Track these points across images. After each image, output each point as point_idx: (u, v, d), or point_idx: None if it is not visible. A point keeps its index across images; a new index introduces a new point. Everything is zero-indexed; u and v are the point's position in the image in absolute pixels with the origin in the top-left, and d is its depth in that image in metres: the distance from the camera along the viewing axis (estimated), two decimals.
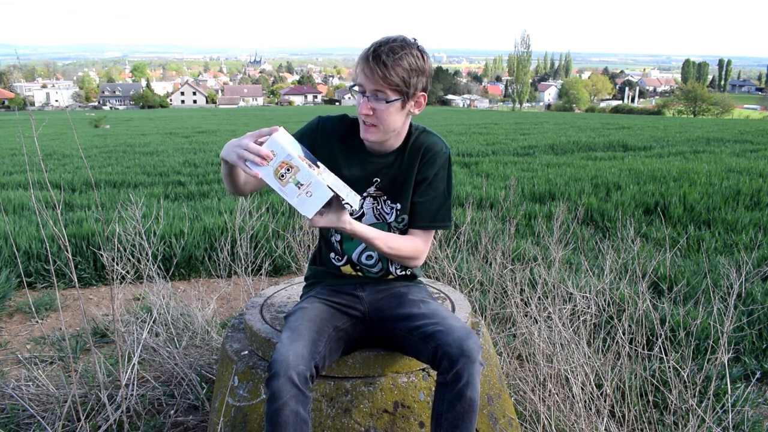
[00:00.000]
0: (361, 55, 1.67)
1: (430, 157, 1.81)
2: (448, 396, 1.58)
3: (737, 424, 2.38)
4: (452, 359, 1.57)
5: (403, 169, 1.83)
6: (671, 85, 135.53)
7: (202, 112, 61.47)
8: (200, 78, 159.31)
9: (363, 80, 1.67)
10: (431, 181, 1.82)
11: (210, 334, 3.10)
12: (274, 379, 1.53)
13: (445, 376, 1.59)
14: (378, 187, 1.84)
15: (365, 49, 1.67)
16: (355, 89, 1.71)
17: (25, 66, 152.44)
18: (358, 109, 1.71)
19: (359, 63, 1.68)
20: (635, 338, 2.50)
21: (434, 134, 1.85)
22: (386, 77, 1.63)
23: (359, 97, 1.70)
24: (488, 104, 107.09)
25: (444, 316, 1.72)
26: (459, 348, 1.57)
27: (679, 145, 14.13)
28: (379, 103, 1.67)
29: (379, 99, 1.67)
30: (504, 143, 15.39)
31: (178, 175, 10.13)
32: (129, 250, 3.16)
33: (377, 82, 1.64)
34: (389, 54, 1.62)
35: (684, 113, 62.93)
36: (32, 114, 2.50)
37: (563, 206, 3.75)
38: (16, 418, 2.49)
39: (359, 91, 1.69)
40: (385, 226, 1.86)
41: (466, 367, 1.56)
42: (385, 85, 1.64)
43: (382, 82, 1.64)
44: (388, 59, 1.62)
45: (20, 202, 7.25)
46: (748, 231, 5.47)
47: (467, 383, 1.56)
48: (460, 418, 1.58)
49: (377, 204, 1.86)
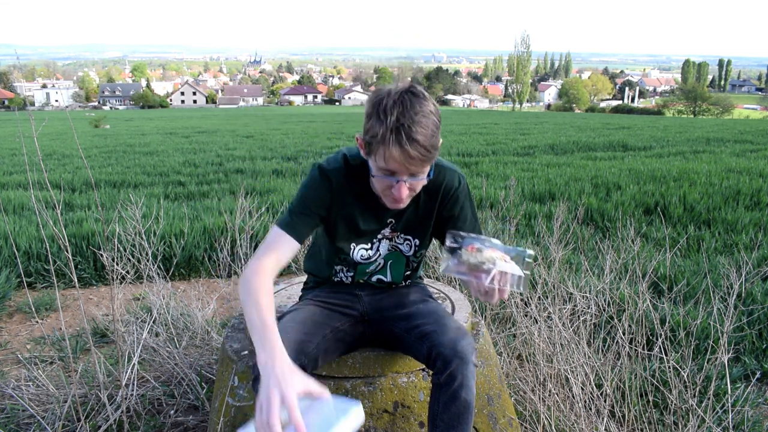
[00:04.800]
0: (382, 135, 1.43)
1: (451, 196, 1.74)
2: (443, 397, 1.58)
3: (737, 424, 2.38)
4: (446, 360, 1.56)
5: (421, 211, 1.76)
6: (671, 85, 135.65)
7: (202, 112, 61.50)
8: (200, 78, 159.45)
9: (396, 166, 1.47)
10: (458, 215, 1.76)
11: (210, 334, 3.10)
12: (256, 381, 1.52)
13: (440, 376, 1.58)
14: (393, 228, 1.79)
15: (382, 125, 1.43)
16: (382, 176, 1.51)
17: (25, 66, 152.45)
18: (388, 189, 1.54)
19: (382, 145, 1.44)
20: (635, 338, 2.50)
21: (447, 167, 1.73)
22: (427, 154, 1.46)
23: (388, 180, 1.52)
24: (488, 104, 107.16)
25: (440, 316, 1.71)
26: (452, 349, 1.56)
27: (679, 145, 14.14)
28: (416, 180, 1.53)
29: (418, 177, 1.52)
30: (504, 143, 15.39)
31: (178, 175, 10.13)
32: (129, 250, 3.16)
33: (419, 165, 1.48)
34: (417, 125, 1.42)
35: (684, 113, 62.95)
36: (32, 114, 2.50)
37: (563, 206, 3.75)
38: (16, 418, 2.49)
39: (388, 176, 1.51)
40: (402, 258, 1.84)
41: (460, 368, 1.55)
42: (425, 162, 1.48)
43: (424, 160, 1.47)
44: (419, 133, 1.42)
45: (20, 202, 7.26)
46: (748, 231, 5.47)
47: (461, 384, 1.55)
48: (456, 420, 1.57)
49: (391, 242, 1.82)
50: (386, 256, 1.84)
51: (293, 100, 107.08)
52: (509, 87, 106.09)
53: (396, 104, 1.43)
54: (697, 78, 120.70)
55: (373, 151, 1.48)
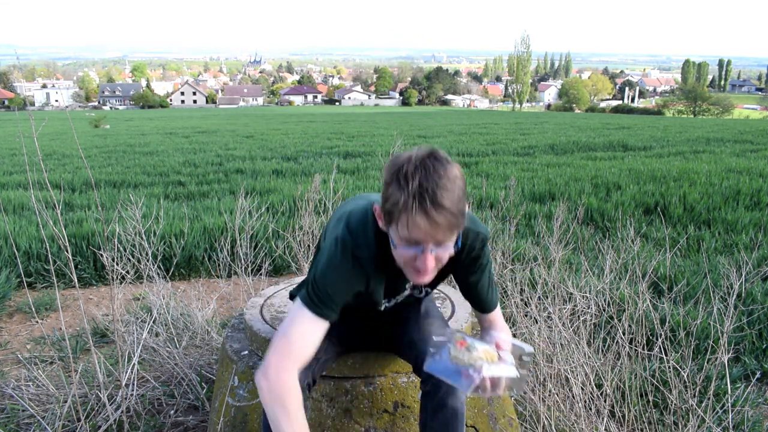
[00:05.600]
0: (404, 202, 1.30)
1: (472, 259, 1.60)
2: (431, 405, 1.57)
3: (737, 424, 2.38)
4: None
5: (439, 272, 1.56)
6: (671, 85, 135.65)
7: (202, 112, 61.50)
8: (200, 78, 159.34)
9: (420, 235, 1.33)
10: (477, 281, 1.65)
11: (210, 334, 3.10)
12: None
13: (426, 384, 1.57)
14: (410, 288, 1.71)
15: (404, 192, 1.30)
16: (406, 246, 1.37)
17: (25, 66, 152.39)
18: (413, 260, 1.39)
19: (405, 213, 1.31)
20: (635, 338, 2.49)
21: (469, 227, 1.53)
22: (454, 221, 1.32)
23: (413, 251, 1.37)
24: (488, 104, 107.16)
25: (428, 323, 1.70)
26: None
27: (679, 145, 14.14)
28: (444, 250, 1.38)
29: (445, 247, 1.38)
30: (504, 143, 15.39)
31: (178, 175, 10.13)
32: (129, 250, 3.16)
33: (445, 232, 1.34)
34: (442, 190, 1.29)
35: (684, 113, 62.99)
36: (32, 114, 2.50)
37: (563, 206, 3.74)
38: (16, 418, 2.49)
39: (412, 247, 1.37)
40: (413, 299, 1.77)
41: None
42: (452, 229, 1.34)
43: (451, 227, 1.33)
44: (444, 198, 1.29)
45: (20, 202, 7.26)
46: (748, 231, 5.47)
47: (447, 392, 1.54)
48: (444, 428, 1.56)
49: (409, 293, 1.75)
50: None
51: (293, 100, 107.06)
52: (509, 87, 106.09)
53: (418, 169, 1.30)
54: (697, 78, 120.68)
55: (395, 220, 1.34)
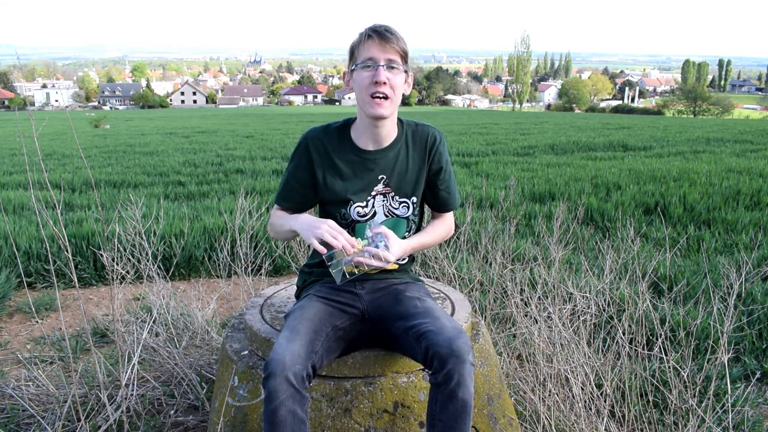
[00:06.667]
0: (363, 34, 1.78)
1: (437, 147, 1.92)
2: (441, 397, 1.58)
3: (737, 424, 2.38)
4: (442, 359, 1.56)
5: (411, 163, 1.91)
6: (671, 85, 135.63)
7: (202, 112, 61.48)
8: (200, 78, 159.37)
9: (374, 53, 1.76)
10: (445, 168, 1.95)
11: (210, 334, 3.10)
12: (270, 378, 1.53)
13: (437, 376, 1.58)
14: (386, 184, 1.89)
15: (364, 31, 1.78)
16: (365, 64, 1.76)
17: (25, 66, 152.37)
18: (370, 81, 1.76)
19: (364, 40, 1.77)
20: (635, 338, 2.50)
21: (424, 123, 1.95)
22: (398, 44, 1.76)
23: (370, 70, 1.76)
24: (488, 104, 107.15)
25: (436, 316, 1.72)
26: (449, 348, 1.56)
27: (679, 145, 14.14)
28: (392, 72, 1.77)
29: (393, 68, 1.77)
30: (504, 143, 15.39)
31: (178, 175, 10.13)
32: (129, 250, 3.16)
33: (392, 50, 1.76)
34: (390, 30, 1.77)
35: (684, 113, 62.97)
36: (32, 114, 2.50)
37: (563, 206, 3.75)
38: (16, 418, 2.49)
39: (369, 65, 1.76)
40: (402, 221, 1.93)
41: (457, 367, 1.55)
42: (397, 53, 1.76)
43: (396, 48, 1.76)
44: (393, 33, 1.76)
45: (20, 202, 7.26)
46: (748, 231, 5.47)
47: (458, 384, 1.55)
48: (453, 420, 1.57)
49: (386, 201, 1.90)
50: (384, 223, 1.88)
51: (293, 100, 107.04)
52: (509, 87, 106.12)
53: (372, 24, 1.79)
54: (697, 78, 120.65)
55: (356, 53, 1.80)
